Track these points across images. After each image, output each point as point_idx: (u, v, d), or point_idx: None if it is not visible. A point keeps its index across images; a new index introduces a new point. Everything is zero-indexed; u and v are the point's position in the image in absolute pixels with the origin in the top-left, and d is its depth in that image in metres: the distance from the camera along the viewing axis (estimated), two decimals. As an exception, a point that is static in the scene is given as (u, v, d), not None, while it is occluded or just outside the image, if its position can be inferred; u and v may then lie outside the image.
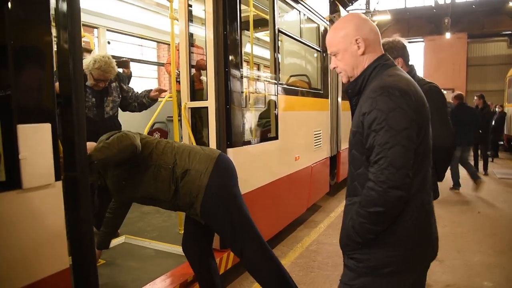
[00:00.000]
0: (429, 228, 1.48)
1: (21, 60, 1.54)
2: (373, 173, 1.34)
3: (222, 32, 2.99)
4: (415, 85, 1.45)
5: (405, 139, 1.31)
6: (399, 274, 1.44)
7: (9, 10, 1.49)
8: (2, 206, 1.49)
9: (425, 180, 1.44)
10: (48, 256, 1.67)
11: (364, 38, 1.48)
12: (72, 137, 1.75)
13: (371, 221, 1.38)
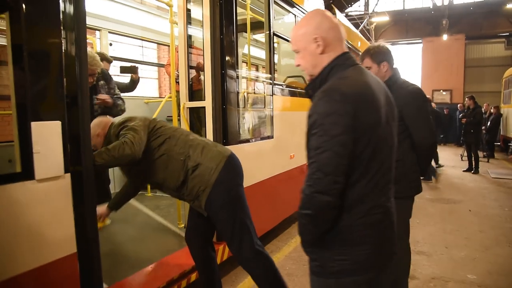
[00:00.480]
0: (381, 231, 1.45)
1: (35, 64, 1.71)
2: (306, 176, 1.35)
3: (219, 35, 3.15)
4: (366, 86, 1.40)
5: (337, 145, 1.30)
6: (348, 274, 1.43)
7: (24, 19, 1.65)
8: (18, 194, 1.66)
9: (377, 183, 1.42)
10: (57, 241, 1.84)
11: (323, 37, 1.45)
12: (78, 134, 1.91)
13: (306, 222, 1.39)
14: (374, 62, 2.60)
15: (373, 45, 2.66)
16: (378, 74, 2.60)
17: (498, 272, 3.52)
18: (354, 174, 1.35)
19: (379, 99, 1.42)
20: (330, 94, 1.34)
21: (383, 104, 1.43)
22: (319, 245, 1.44)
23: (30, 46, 1.68)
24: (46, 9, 1.77)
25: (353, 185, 1.36)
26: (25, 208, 1.69)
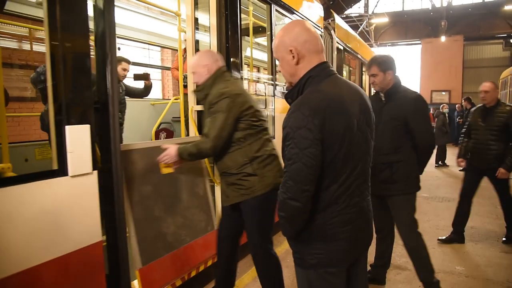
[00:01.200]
0: (355, 228, 1.57)
1: (69, 75, 1.95)
2: (282, 183, 1.51)
3: (225, 42, 3.40)
4: (338, 97, 1.50)
5: (305, 157, 1.42)
6: (324, 266, 1.57)
7: (60, 34, 1.90)
8: (54, 189, 1.91)
9: (350, 186, 1.53)
10: (85, 229, 2.08)
11: (298, 49, 1.52)
12: (108, 135, 2.16)
13: (283, 222, 1.55)
14: (381, 71, 2.85)
15: (379, 55, 2.98)
16: (384, 81, 2.87)
17: (485, 264, 3.76)
18: (327, 180, 1.49)
19: (351, 108, 1.51)
20: (300, 109, 1.44)
21: (356, 112, 1.53)
22: (299, 240, 1.59)
23: (66, 63, 1.93)
24: (79, 25, 2.02)
25: (326, 189, 1.50)
26: (60, 200, 1.94)
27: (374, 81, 2.92)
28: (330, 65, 1.60)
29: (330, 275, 1.58)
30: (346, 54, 7.80)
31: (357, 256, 1.68)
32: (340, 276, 1.61)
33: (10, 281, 1.72)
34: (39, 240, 1.86)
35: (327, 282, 1.58)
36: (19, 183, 1.76)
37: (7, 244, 1.72)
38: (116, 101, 2.25)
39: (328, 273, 1.58)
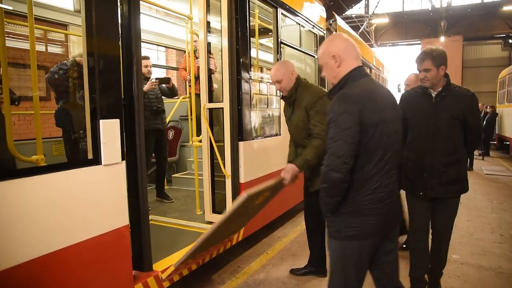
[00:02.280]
0: (384, 207, 1.84)
1: (103, 75, 2.18)
2: (325, 158, 1.81)
3: (235, 45, 3.63)
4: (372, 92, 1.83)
5: (346, 135, 1.73)
6: (358, 238, 1.86)
7: (95, 39, 2.13)
8: (89, 176, 2.14)
9: (381, 168, 1.81)
10: (116, 214, 2.31)
11: (340, 55, 1.89)
12: (133, 129, 2.40)
13: (324, 194, 1.86)
14: (435, 66, 2.63)
15: (433, 48, 2.71)
16: (436, 76, 2.65)
17: (479, 253, 3.99)
18: (361, 160, 1.79)
19: (383, 103, 1.85)
20: (343, 98, 1.81)
21: (388, 106, 1.86)
22: (337, 214, 1.88)
23: (100, 63, 2.16)
24: (112, 30, 2.25)
25: (361, 168, 1.80)
26: (94, 187, 2.17)
27: (426, 77, 2.67)
28: (365, 68, 1.94)
29: (362, 247, 1.88)
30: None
31: (386, 234, 1.94)
32: (370, 249, 1.90)
33: (56, 256, 1.95)
34: (75, 222, 2.08)
35: (358, 252, 1.88)
36: (62, 170, 1.99)
37: (50, 224, 1.95)
38: (141, 98, 2.48)
39: (361, 245, 1.87)
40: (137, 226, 2.51)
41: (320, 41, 6.10)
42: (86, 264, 2.15)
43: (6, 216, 1.75)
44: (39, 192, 1.89)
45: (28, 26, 1.96)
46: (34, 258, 1.86)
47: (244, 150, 3.75)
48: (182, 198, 4.96)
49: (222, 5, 3.56)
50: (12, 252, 1.78)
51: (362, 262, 1.92)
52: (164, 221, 3.94)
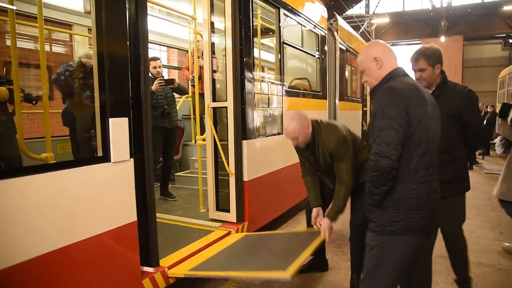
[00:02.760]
0: (427, 202, 1.85)
1: (112, 74, 2.24)
2: (373, 148, 1.85)
3: (239, 45, 3.68)
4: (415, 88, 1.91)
5: (395, 123, 1.78)
6: (403, 233, 1.85)
7: (105, 40, 2.18)
8: (99, 173, 2.19)
9: (427, 164, 1.85)
10: (124, 210, 2.37)
11: (380, 57, 1.99)
12: (141, 128, 2.46)
13: (372, 184, 1.86)
14: (429, 65, 2.63)
15: (427, 47, 2.69)
16: (432, 76, 2.66)
17: (479, 250, 4.05)
18: (408, 151, 1.82)
19: (425, 98, 1.91)
20: (389, 91, 1.88)
21: (428, 102, 1.91)
22: (380, 208, 1.89)
23: (109, 64, 2.21)
24: (120, 32, 2.31)
25: (409, 161, 1.82)
26: (103, 183, 2.23)
27: (421, 76, 2.68)
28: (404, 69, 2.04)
29: (407, 243, 1.88)
30: (348, 54, 8.07)
31: (429, 230, 1.94)
32: (414, 245, 1.90)
33: (69, 250, 2.01)
34: (86, 217, 2.13)
35: (403, 248, 1.88)
36: (74, 167, 2.05)
37: (64, 219, 2.00)
38: (148, 97, 2.53)
39: (406, 240, 1.87)
40: (144, 222, 2.57)
41: (321, 41, 6.15)
42: (97, 259, 2.21)
43: (23, 211, 1.81)
44: (52, 188, 1.95)
45: (38, 27, 2.01)
46: (49, 251, 1.92)
47: (248, 148, 3.80)
48: (186, 196, 5.01)
49: (226, 5, 3.62)
50: (29, 246, 1.84)
51: (405, 259, 1.91)
52: (169, 218, 3.99)
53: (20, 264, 1.79)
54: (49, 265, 1.94)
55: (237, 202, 3.75)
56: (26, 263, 1.82)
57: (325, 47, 6.37)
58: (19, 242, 1.81)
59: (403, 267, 1.94)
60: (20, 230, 1.81)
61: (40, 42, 2.07)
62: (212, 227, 3.70)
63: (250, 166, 3.85)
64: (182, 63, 9.61)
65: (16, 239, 1.80)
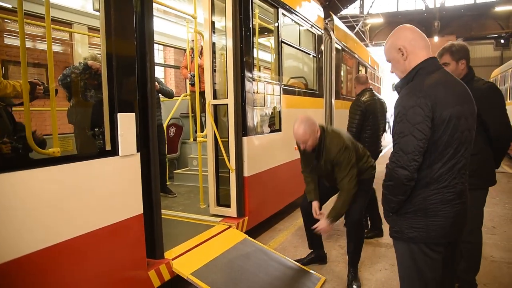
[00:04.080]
0: (453, 208, 1.71)
1: (120, 72, 2.31)
2: (391, 155, 1.72)
3: (239, 44, 3.76)
4: (445, 86, 1.69)
5: (416, 130, 1.61)
6: (422, 241, 1.73)
7: (114, 39, 2.26)
8: (108, 166, 2.27)
9: (452, 168, 1.69)
10: (130, 202, 2.44)
11: (406, 47, 1.76)
12: (147, 122, 2.53)
13: (387, 192, 1.77)
14: (453, 60, 2.66)
15: (453, 43, 2.74)
16: (456, 71, 2.64)
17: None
18: (431, 157, 1.67)
19: (457, 97, 1.70)
20: (414, 91, 1.68)
21: (461, 101, 1.71)
22: (399, 214, 1.79)
23: (118, 62, 2.29)
24: (127, 31, 2.38)
25: (430, 166, 1.68)
26: (112, 176, 2.30)
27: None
28: (438, 60, 1.81)
29: (430, 250, 1.75)
30: (343, 53, 8.17)
31: (453, 238, 1.81)
32: (439, 252, 1.77)
33: (79, 240, 2.08)
34: (95, 208, 2.20)
35: (427, 256, 1.76)
36: (80, 160, 2.12)
37: (75, 210, 2.07)
38: (154, 94, 2.62)
39: (429, 247, 1.75)
40: (150, 215, 2.64)
41: (318, 40, 6.25)
42: (105, 250, 2.28)
43: (36, 202, 1.88)
44: (64, 180, 2.02)
45: (46, 26, 2.05)
46: (61, 241, 1.99)
47: (248, 145, 3.89)
48: (185, 193, 5.09)
49: (227, 5, 3.70)
50: (42, 236, 1.91)
51: (433, 266, 1.79)
52: (170, 214, 4.06)
53: (33, 253, 1.86)
54: (61, 254, 2.00)
55: (237, 197, 3.83)
56: (39, 252, 1.88)
57: (322, 47, 6.47)
58: (33, 233, 1.87)
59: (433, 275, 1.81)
60: (34, 221, 1.88)
61: (47, 41, 2.12)
62: (213, 222, 3.78)
63: (250, 162, 3.94)
64: (178, 62, 9.69)
65: (30, 230, 1.86)
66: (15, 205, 1.80)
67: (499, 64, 18.78)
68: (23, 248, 1.83)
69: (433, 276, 1.80)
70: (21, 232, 1.83)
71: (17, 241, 1.81)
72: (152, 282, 2.62)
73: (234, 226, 3.70)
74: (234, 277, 2.94)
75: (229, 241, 3.43)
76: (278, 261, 3.39)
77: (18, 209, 1.81)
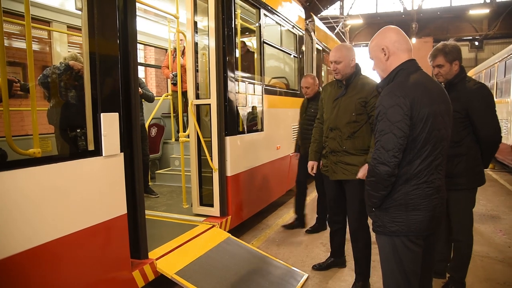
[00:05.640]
0: (432, 202, 1.81)
1: (103, 72, 2.30)
2: (373, 152, 1.82)
3: (222, 44, 3.78)
4: (423, 86, 1.78)
5: (396, 128, 1.71)
6: (403, 234, 1.83)
7: (97, 40, 2.25)
8: (91, 166, 2.25)
9: (430, 164, 1.79)
10: (114, 203, 2.43)
11: (389, 48, 1.86)
12: (130, 122, 2.53)
13: (370, 188, 1.85)
14: (447, 61, 2.68)
15: (446, 44, 2.74)
16: (449, 72, 2.70)
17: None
18: (411, 154, 1.77)
19: (434, 97, 1.81)
20: (393, 91, 1.77)
21: (439, 101, 1.82)
22: (381, 209, 1.88)
23: (101, 63, 2.28)
24: (109, 31, 2.37)
25: (410, 163, 1.78)
26: (95, 176, 2.28)
27: (439, 72, 2.74)
28: (417, 62, 1.90)
29: (411, 243, 1.85)
30: (324, 54, 8.28)
31: (432, 230, 1.90)
32: (419, 244, 1.87)
33: (62, 242, 2.07)
34: (78, 209, 2.18)
35: (408, 248, 1.85)
36: (62, 161, 2.10)
37: (56, 210, 2.06)
38: (137, 94, 2.61)
39: (410, 240, 1.84)
40: (133, 215, 2.64)
41: (299, 41, 6.32)
42: (89, 250, 2.26)
43: (18, 202, 1.86)
44: (46, 181, 2.00)
45: (25, 24, 2.01)
46: (43, 243, 1.96)
47: (230, 144, 3.91)
48: (167, 193, 5.07)
49: (209, 5, 3.71)
50: (22, 238, 1.88)
51: (413, 258, 1.88)
52: (153, 214, 4.04)
53: (15, 256, 1.83)
54: (44, 256, 1.98)
55: (220, 196, 3.85)
56: (21, 254, 1.85)
57: (303, 47, 6.54)
58: (13, 235, 1.84)
59: (414, 267, 1.89)
60: (15, 223, 1.85)
61: (27, 39, 2.09)
62: (196, 222, 3.79)
63: (233, 162, 3.96)
64: (159, 62, 9.60)
65: (10, 232, 1.83)
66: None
67: (474, 65, 19.36)
68: (2, 251, 1.80)
69: (414, 268, 1.89)
70: (0, 235, 1.80)
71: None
72: (137, 282, 2.61)
73: (218, 225, 3.72)
74: (218, 275, 2.96)
75: (212, 240, 3.45)
76: (262, 259, 3.43)
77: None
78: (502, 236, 4.42)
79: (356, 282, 3.11)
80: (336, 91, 3.12)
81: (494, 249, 4.03)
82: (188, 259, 3.01)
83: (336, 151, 3.01)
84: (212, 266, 3.06)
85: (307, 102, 4.56)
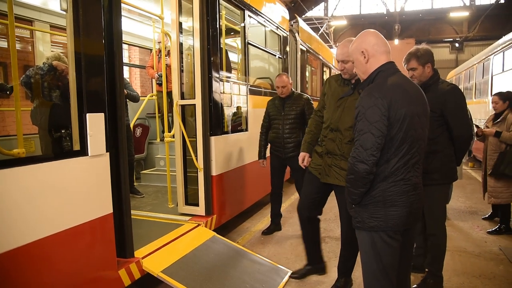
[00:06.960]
0: (409, 198, 1.89)
1: (88, 72, 2.32)
2: (352, 151, 1.90)
3: (207, 45, 3.82)
4: (400, 88, 1.87)
5: (374, 128, 1.79)
6: (382, 228, 1.91)
7: (82, 40, 2.27)
8: (77, 166, 2.27)
9: (407, 162, 1.87)
10: (101, 202, 2.45)
11: (368, 50, 1.94)
12: (116, 122, 2.55)
13: (349, 185, 1.93)
14: (420, 64, 2.82)
15: (418, 48, 2.90)
16: (423, 74, 2.84)
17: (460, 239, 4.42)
18: (388, 153, 1.85)
19: (412, 98, 1.89)
20: (372, 92, 1.86)
21: (416, 102, 1.91)
22: (361, 205, 1.96)
23: (85, 57, 2.29)
24: (95, 31, 2.39)
25: (388, 161, 1.86)
26: (81, 176, 2.30)
27: (413, 75, 2.87)
28: (395, 64, 1.98)
29: (389, 237, 1.93)
30: (308, 55, 8.38)
31: (409, 226, 1.98)
32: (397, 239, 1.95)
33: (48, 241, 2.08)
34: (64, 209, 2.19)
35: (387, 243, 1.94)
36: (48, 161, 2.10)
37: (42, 210, 2.07)
38: (123, 94, 2.64)
39: (388, 235, 1.93)
40: (119, 214, 2.65)
41: (283, 41, 6.39)
42: (75, 250, 2.27)
43: (2, 202, 1.86)
44: (32, 181, 2.01)
45: (9, 24, 2.01)
46: (30, 242, 1.97)
47: (215, 144, 3.95)
48: (153, 193, 5.07)
49: (194, 6, 3.74)
50: (8, 236, 1.89)
51: (391, 253, 1.96)
52: (138, 214, 4.04)
53: (6, 252, 1.84)
54: (28, 256, 1.99)
55: (205, 196, 3.89)
56: (4, 254, 1.85)
57: (287, 48, 6.62)
58: (7, 231, 1.85)
59: (393, 261, 1.98)
60: (9, 220, 1.87)
61: (11, 39, 2.10)
62: (182, 221, 3.82)
63: (218, 162, 4.01)
64: (144, 62, 9.56)
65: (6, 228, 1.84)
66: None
67: (455, 66, 19.83)
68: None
69: (392, 262, 1.98)
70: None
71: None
72: (123, 280, 2.63)
73: (203, 224, 3.75)
74: (204, 273, 3.00)
75: (198, 239, 3.49)
76: (247, 257, 3.48)
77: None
78: (479, 232, 4.57)
79: (339, 277, 3.19)
80: (342, 88, 2.92)
81: (472, 244, 4.17)
82: (174, 258, 3.04)
83: (333, 153, 2.86)
84: (198, 264, 3.10)
85: (283, 103, 4.28)
